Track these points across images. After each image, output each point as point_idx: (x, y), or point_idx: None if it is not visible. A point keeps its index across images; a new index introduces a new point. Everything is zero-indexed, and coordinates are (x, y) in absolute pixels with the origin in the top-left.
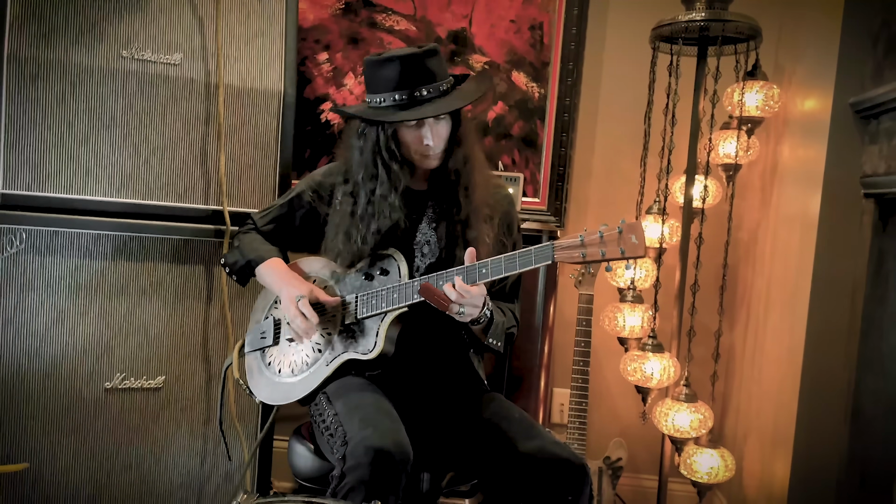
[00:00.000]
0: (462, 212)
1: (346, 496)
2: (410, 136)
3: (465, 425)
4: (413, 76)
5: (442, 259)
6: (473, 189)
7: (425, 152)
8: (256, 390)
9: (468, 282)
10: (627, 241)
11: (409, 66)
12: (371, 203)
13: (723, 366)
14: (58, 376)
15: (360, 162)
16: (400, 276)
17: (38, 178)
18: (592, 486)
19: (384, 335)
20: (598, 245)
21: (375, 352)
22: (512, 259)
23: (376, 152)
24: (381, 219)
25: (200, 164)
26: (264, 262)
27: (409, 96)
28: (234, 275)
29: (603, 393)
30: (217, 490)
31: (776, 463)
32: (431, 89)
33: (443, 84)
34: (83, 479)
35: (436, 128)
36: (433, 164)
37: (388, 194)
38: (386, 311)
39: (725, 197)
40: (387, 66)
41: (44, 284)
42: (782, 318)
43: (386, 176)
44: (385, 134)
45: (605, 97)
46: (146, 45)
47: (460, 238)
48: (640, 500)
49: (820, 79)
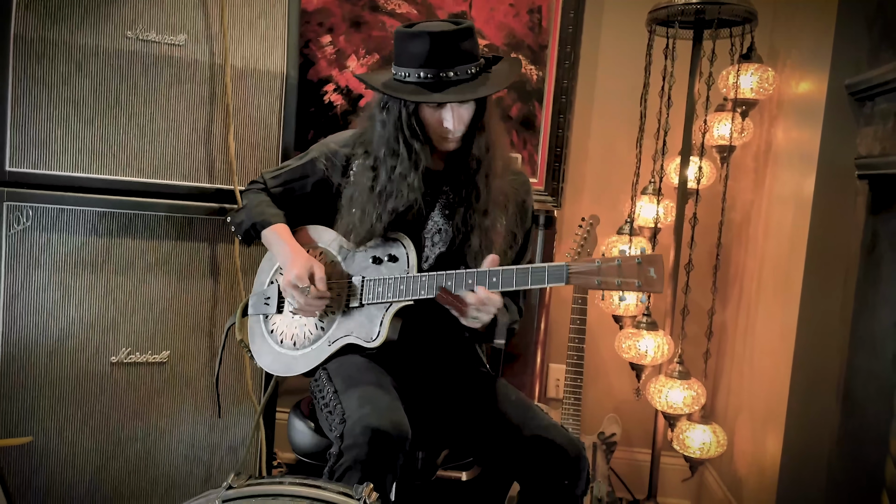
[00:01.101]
0: (481, 201)
1: (344, 475)
2: (431, 118)
3: (463, 406)
4: (442, 55)
5: (454, 248)
6: (494, 178)
7: (444, 135)
8: (258, 356)
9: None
10: (645, 274)
11: (439, 45)
12: (391, 181)
13: (715, 343)
14: (64, 351)
15: (382, 136)
16: (408, 267)
17: (44, 157)
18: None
19: (388, 325)
20: (615, 275)
21: (379, 341)
22: (524, 274)
23: (398, 128)
24: (398, 198)
25: (204, 144)
26: (270, 226)
27: (434, 76)
28: (239, 235)
29: (598, 369)
30: (221, 462)
31: (767, 439)
32: (459, 72)
33: (471, 67)
34: (90, 452)
35: (458, 111)
36: (451, 146)
37: (407, 173)
38: (392, 301)
39: (719, 178)
40: (416, 40)
41: (50, 261)
42: (775, 297)
43: (407, 154)
44: (407, 111)
45: (602, 80)
46: (151, 26)
47: (476, 227)
48: (633, 473)
49: (815, 61)
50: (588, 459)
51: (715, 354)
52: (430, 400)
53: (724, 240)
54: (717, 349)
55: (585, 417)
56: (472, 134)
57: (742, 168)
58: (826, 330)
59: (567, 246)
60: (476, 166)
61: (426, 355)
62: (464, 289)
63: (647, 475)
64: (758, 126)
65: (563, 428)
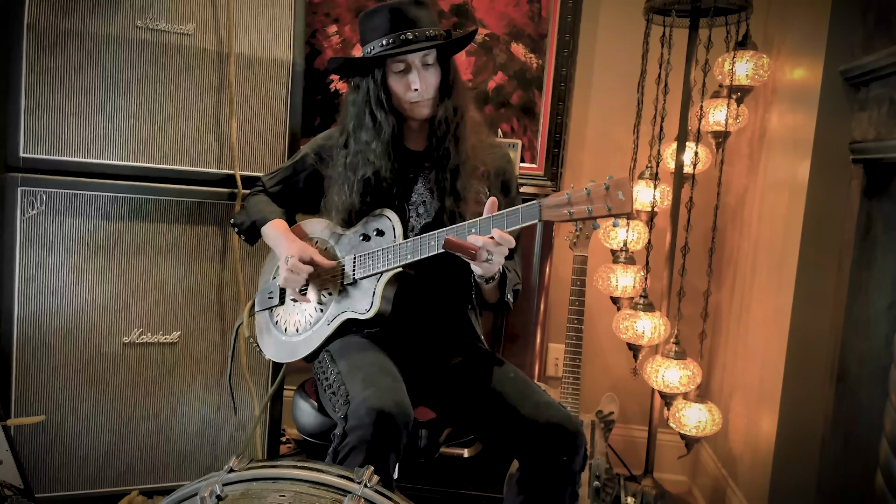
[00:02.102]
0: (451, 161)
1: (348, 455)
2: (399, 84)
3: (463, 383)
4: (401, 22)
5: (437, 214)
6: (464, 140)
7: (414, 98)
8: (265, 347)
9: (461, 236)
10: (614, 197)
11: (397, 14)
12: (359, 151)
13: (710, 324)
14: (78, 332)
15: (353, 113)
16: (395, 237)
17: (57, 143)
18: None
19: (380, 295)
20: (585, 202)
21: (372, 311)
22: (500, 218)
23: (367, 101)
24: (364, 165)
25: (213, 131)
26: (268, 223)
27: (395, 39)
28: (243, 234)
29: (596, 349)
30: (230, 438)
31: (762, 419)
32: (417, 33)
33: (430, 30)
34: (103, 429)
35: (424, 74)
36: (424, 111)
37: (371, 141)
38: (381, 271)
39: (715, 163)
40: (376, 15)
41: (63, 245)
42: (769, 279)
43: (372, 123)
44: (375, 83)
45: (600, 67)
46: (160, 16)
47: (448, 188)
48: (630, 449)
49: (809, 48)
50: (585, 435)
51: (710, 335)
52: (428, 378)
53: (719, 223)
54: (712, 330)
55: (584, 396)
56: (440, 100)
57: (737, 153)
58: (820, 312)
59: (566, 229)
60: (445, 128)
61: (425, 335)
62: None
63: (644, 452)
64: (752, 112)
65: (560, 405)
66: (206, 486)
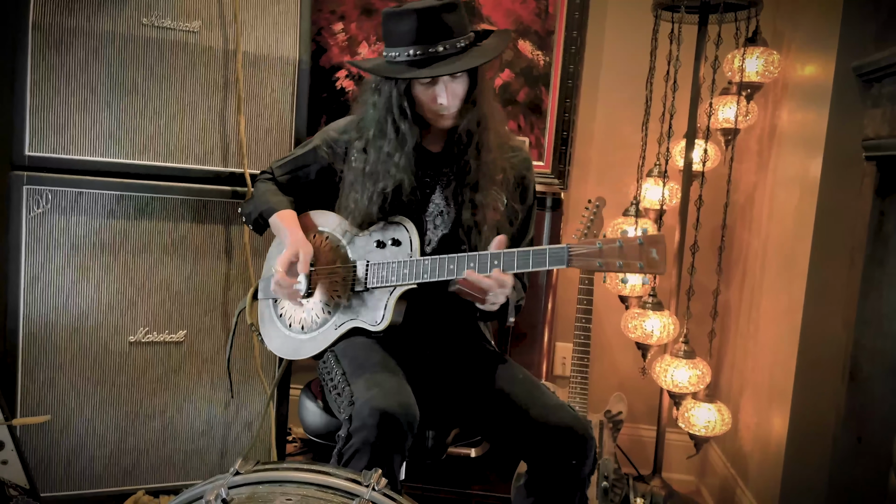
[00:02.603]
0: (471, 175)
1: (353, 457)
2: (424, 94)
3: (470, 385)
4: (430, 31)
5: (454, 225)
6: (487, 151)
7: (439, 111)
8: (267, 339)
9: (479, 270)
10: (647, 255)
11: (425, 21)
12: (379, 161)
13: (719, 323)
14: (84, 331)
15: (373, 118)
16: (411, 250)
17: (62, 142)
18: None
19: (393, 308)
20: (617, 256)
21: (383, 325)
22: (525, 256)
23: (388, 109)
24: (385, 178)
25: (218, 129)
26: (276, 213)
27: (424, 52)
28: (250, 224)
29: (603, 347)
30: (237, 438)
31: (772, 418)
32: (448, 45)
33: (461, 40)
34: (108, 428)
35: (451, 86)
36: (447, 123)
37: (393, 153)
38: (396, 285)
39: (724, 160)
40: (403, 19)
41: (69, 243)
42: (779, 277)
43: (394, 134)
44: (398, 91)
45: (608, 64)
46: (166, 13)
47: (466, 202)
48: (638, 449)
49: (820, 44)
50: (595, 439)
51: (719, 333)
52: (435, 379)
53: (729, 221)
54: (721, 328)
55: (591, 395)
56: (465, 110)
57: (746, 151)
58: (832, 310)
59: (573, 227)
60: (466, 140)
61: (432, 334)
62: (465, 270)
63: (652, 451)
64: (762, 109)
65: (570, 407)
66: (212, 489)
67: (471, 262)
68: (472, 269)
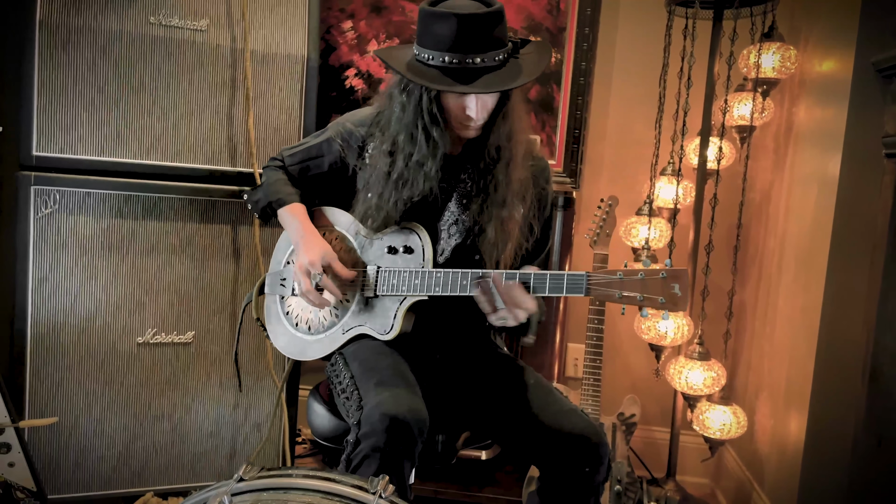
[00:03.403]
0: (499, 192)
1: (361, 463)
2: (453, 104)
3: (481, 389)
4: (469, 40)
5: (470, 239)
6: (514, 168)
7: (466, 122)
8: (274, 336)
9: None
10: (668, 290)
11: (466, 28)
12: (408, 168)
13: (734, 323)
14: (92, 331)
15: (401, 119)
16: (423, 259)
17: (70, 141)
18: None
19: (402, 317)
20: (638, 289)
21: (392, 334)
22: (542, 281)
23: (418, 114)
24: (413, 186)
25: (226, 128)
26: (286, 206)
27: (460, 62)
28: (257, 212)
29: (616, 348)
30: (246, 439)
31: (789, 420)
32: (486, 59)
33: (500, 53)
34: (117, 430)
35: (482, 99)
36: (471, 134)
37: (424, 162)
38: (406, 295)
39: (739, 158)
40: (442, 21)
41: (77, 244)
42: (797, 276)
43: (425, 141)
44: (429, 96)
45: (620, 61)
46: (173, 12)
47: (493, 219)
48: (651, 451)
49: (839, 39)
50: (609, 445)
51: (734, 334)
52: (447, 383)
53: (744, 220)
54: (737, 329)
55: (604, 396)
56: (493, 121)
57: (762, 148)
58: (852, 310)
59: (585, 227)
60: (496, 155)
61: (442, 337)
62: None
63: (666, 453)
64: (779, 106)
65: (583, 413)
66: (215, 495)
67: (485, 277)
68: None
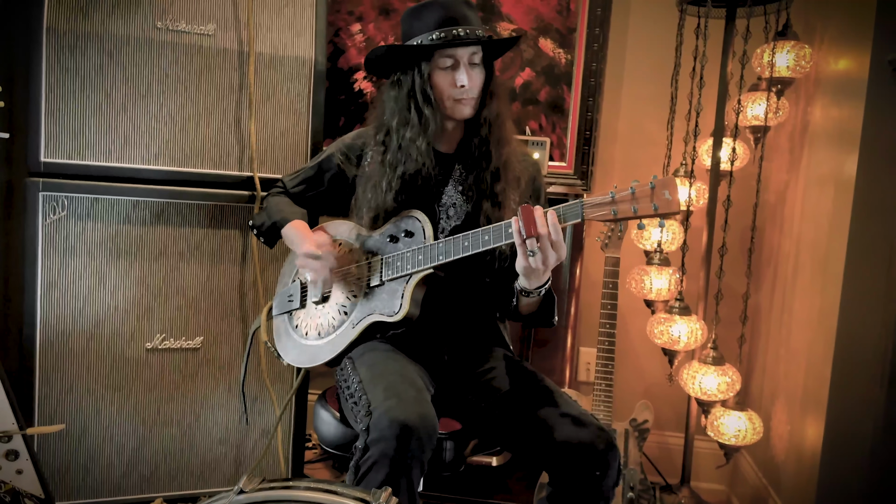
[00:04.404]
0: (492, 163)
1: (370, 470)
2: (445, 80)
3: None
4: (452, 17)
5: (468, 217)
6: (505, 143)
7: (459, 95)
8: (284, 353)
9: (494, 237)
10: (660, 196)
11: (450, 9)
12: (401, 148)
13: (749, 327)
14: (100, 337)
15: (394, 109)
16: (425, 238)
17: (78, 147)
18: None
19: (409, 297)
20: (630, 202)
21: (401, 314)
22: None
23: (411, 96)
24: (407, 162)
25: (234, 132)
26: (288, 223)
27: (447, 34)
28: (262, 236)
29: (628, 352)
30: (254, 445)
31: (806, 425)
32: (469, 30)
33: (479, 30)
34: (126, 435)
35: (471, 72)
36: (466, 111)
37: (416, 137)
38: (411, 273)
39: (753, 159)
40: (426, 10)
41: (85, 249)
42: (813, 279)
43: (417, 119)
44: (420, 76)
45: (631, 61)
46: (180, 16)
47: (488, 190)
48: (665, 457)
49: (854, 36)
50: (619, 450)
51: (749, 339)
52: (456, 388)
53: (758, 222)
54: (752, 333)
55: (616, 401)
56: (483, 101)
57: (777, 149)
58: (870, 312)
59: (597, 229)
60: (488, 130)
61: (452, 341)
62: (481, 245)
63: (680, 459)
64: (793, 105)
65: (592, 417)
66: None
67: (485, 234)
68: (487, 241)
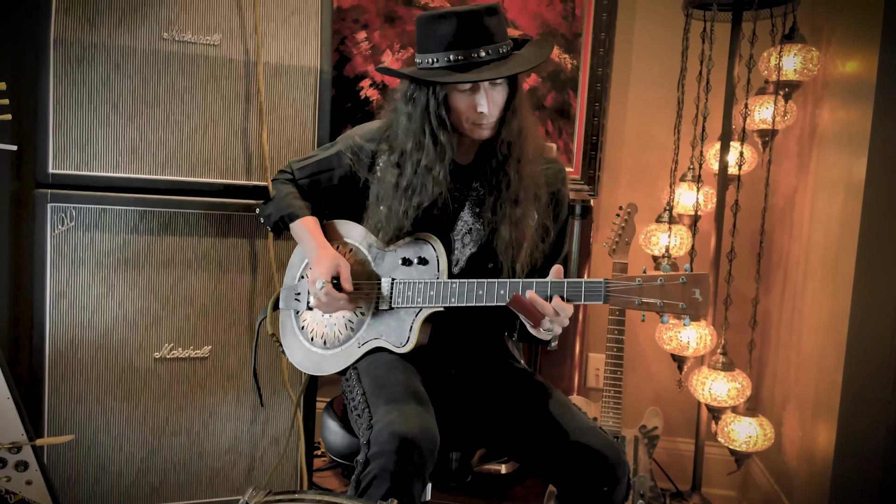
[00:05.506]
0: (511, 189)
1: (370, 484)
2: (463, 103)
3: (496, 405)
4: (470, 35)
5: (485, 247)
6: (525, 164)
7: (478, 120)
8: (290, 351)
9: (509, 295)
10: (689, 296)
11: (466, 24)
12: (416, 175)
13: (759, 333)
14: (109, 347)
15: (408, 129)
16: (438, 271)
17: (85, 158)
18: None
19: (418, 330)
20: (658, 295)
21: (409, 346)
22: (559, 288)
23: (425, 118)
24: (423, 192)
25: (241, 141)
26: (298, 219)
27: (465, 57)
28: (269, 226)
29: (637, 358)
30: (264, 454)
31: (818, 431)
32: (490, 51)
33: (502, 46)
34: (135, 445)
35: (492, 94)
36: (485, 134)
37: (433, 166)
38: (421, 307)
39: (761, 163)
40: (442, 22)
41: (94, 260)
42: (823, 283)
43: (433, 145)
44: (436, 99)
45: (637, 66)
46: (186, 27)
47: (507, 218)
48: (675, 463)
49: (862, 39)
50: (629, 464)
51: (759, 344)
52: (462, 398)
53: (767, 226)
54: (762, 339)
55: (626, 408)
56: (503, 119)
57: (785, 152)
58: (882, 316)
59: (604, 235)
60: (507, 151)
61: (458, 351)
62: (495, 299)
63: (690, 465)
64: (801, 108)
65: (601, 430)
66: None
67: (500, 288)
68: (503, 295)
